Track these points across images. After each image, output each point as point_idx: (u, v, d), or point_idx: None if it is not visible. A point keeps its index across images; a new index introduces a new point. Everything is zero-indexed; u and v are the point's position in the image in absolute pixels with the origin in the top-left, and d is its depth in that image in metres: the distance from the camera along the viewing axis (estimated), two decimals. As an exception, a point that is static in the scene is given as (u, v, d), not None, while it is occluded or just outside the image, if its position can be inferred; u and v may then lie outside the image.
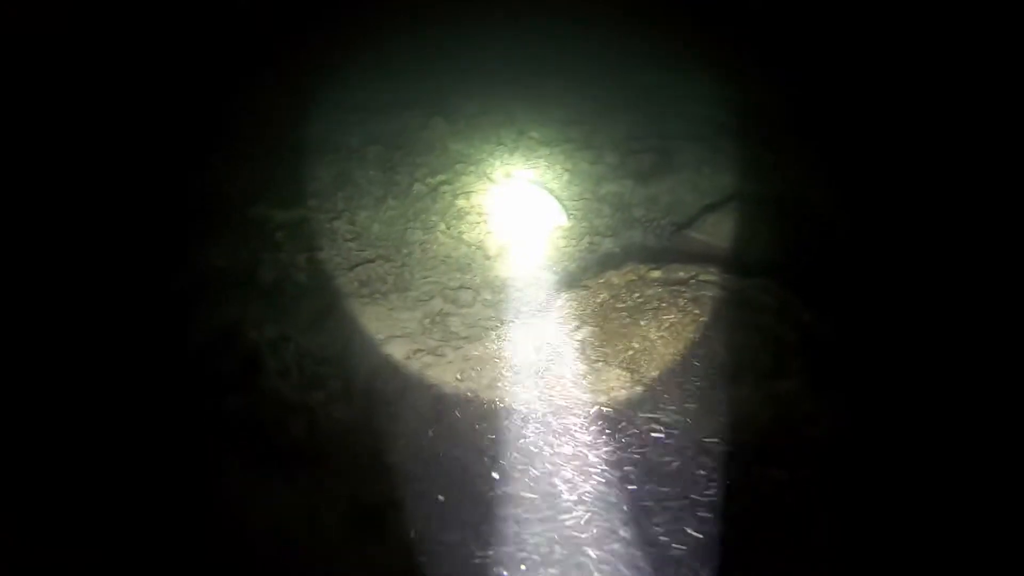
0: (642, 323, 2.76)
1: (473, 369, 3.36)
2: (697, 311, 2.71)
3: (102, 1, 6.04)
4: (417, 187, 4.91)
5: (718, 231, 3.81)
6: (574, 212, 4.63)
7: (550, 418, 2.80)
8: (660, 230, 4.29)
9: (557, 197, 4.71)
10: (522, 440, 2.95)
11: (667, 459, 2.44)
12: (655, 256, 3.18)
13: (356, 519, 2.73)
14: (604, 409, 2.64)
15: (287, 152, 5.33)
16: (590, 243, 4.28)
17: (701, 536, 2.19)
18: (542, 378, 2.96)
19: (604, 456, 2.57)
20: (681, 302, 2.76)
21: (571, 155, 5.37)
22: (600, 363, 2.77)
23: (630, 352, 2.71)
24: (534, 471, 2.78)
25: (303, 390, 3.17)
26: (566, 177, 5.09)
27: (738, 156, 5.08)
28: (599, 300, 3.04)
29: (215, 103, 5.89)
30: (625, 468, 2.57)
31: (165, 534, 2.65)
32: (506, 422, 3.06)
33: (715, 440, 2.38)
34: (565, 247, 4.27)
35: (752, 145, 5.25)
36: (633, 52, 7.09)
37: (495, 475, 2.78)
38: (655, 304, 2.80)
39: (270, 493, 2.70)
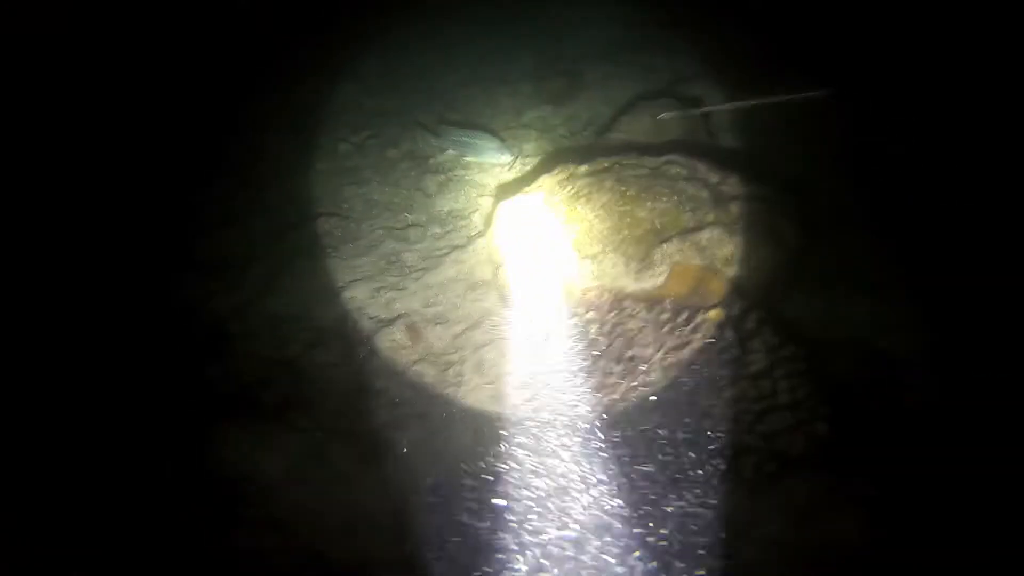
0: (578, 208, 3.03)
1: (437, 294, 3.56)
2: (623, 188, 2.99)
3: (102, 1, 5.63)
4: (341, 146, 4.95)
5: (633, 128, 4.12)
6: (503, 142, 4.82)
7: (521, 315, 3.05)
8: (584, 139, 4.56)
9: (484, 131, 4.87)
10: (496, 346, 3.20)
11: (622, 323, 2.75)
12: (582, 157, 3.43)
13: (362, 451, 2.90)
14: (564, 286, 2.92)
15: (185, 129, 5.12)
16: (522, 163, 4.50)
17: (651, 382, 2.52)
18: (504, 282, 3.19)
19: (568, 330, 2.86)
20: (608, 184, 3.03)
21: (489, 91, 5.52)
22: (552, 252, 3.03)
23: (573, 236, 2.98)
24: (506, 375, 3.03)
25: (277, 347, 3.27)
26: (488, 112, 5.24)
27: (637, 66, 5.40)
28: (539, 201, 3.27)
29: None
30: (593, 341, 2.87)
31: (182, 499, 2.75)
32: (480, 335, 3.30)
33: (661, 296, 2.70)
34: (498, 172, 4.47)
35: (647, 55, 5.56)
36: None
37: (470, 390, 3.02)
38: (586, 191, 3.07)
39: (277, 443, 2.83)
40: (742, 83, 4.74)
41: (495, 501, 2.60)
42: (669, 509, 2.29)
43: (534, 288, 3.10)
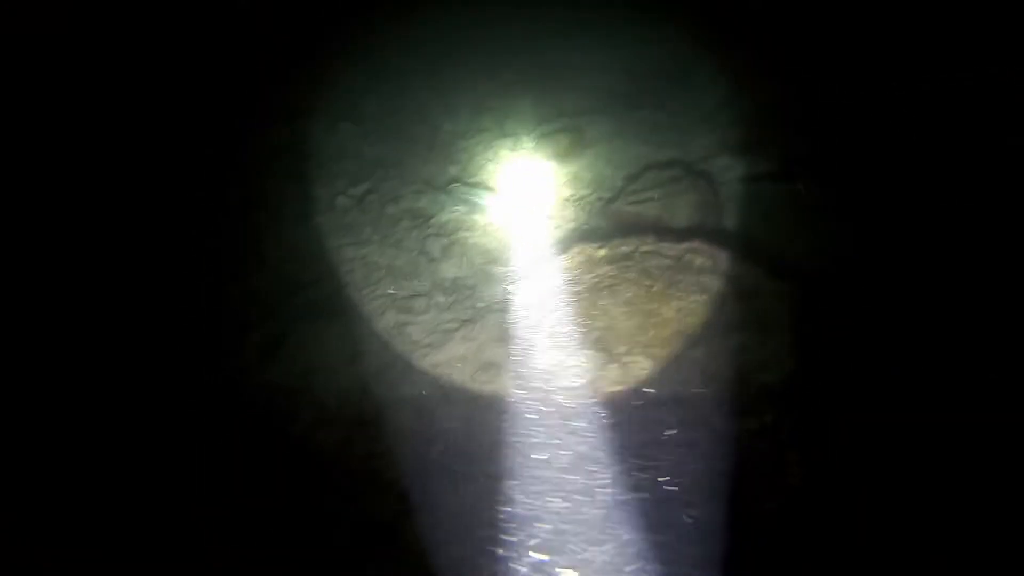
0: (600, 302, 2.95)
1: (445, 374, 3.42)
2: (648, 281, 2.94)
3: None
4: (340, 200, 4.78)
5: (643, 200, 4.09)
6: (506, 201, 4.74)
7: (534, 407, 2.94)
8: (590, 207, 4.51)
9: (485, 189, 4.78)
10: (512, 432, 3.08)
11: (647, 423, 2.67)
12: (596, 235, 3.37)
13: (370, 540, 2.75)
14: (582, 388, 2.82)
15: (170, 173, 4.92)
16: (529, 228, 4.41)
17: (690, 487, 2.44)
18: (517, 371, 3.09)
19: (590, 427, 2.76)
20: (631, 276, 2.97)
21: (489, 144, 5.44)
22: (570, 346, 2.94)
23: (596, 332, 2.90)
24: (531, 454, 2.92)
25: (281, 424, 3.09)
26: (489, 167, 5.16)
27: (640, 122, 5.41)
28: (556, 286, 3.19)
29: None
30: (610, 435, 2.78)
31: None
32: (492, 418, 3.17)
33: (690, 396, 2.64)
34: (504, 237, 4.38)
35: (650, 112, 5.59)
36: (527, 31, 7.19)
37: (493, 467, 2.90)
38: (608, 282, 3.00)
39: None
40: (746, 146, 4.81)
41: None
42: None
43: (550, 381, 3.00)
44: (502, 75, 6.48)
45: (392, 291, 4.00)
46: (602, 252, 3.19)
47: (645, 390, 2.72)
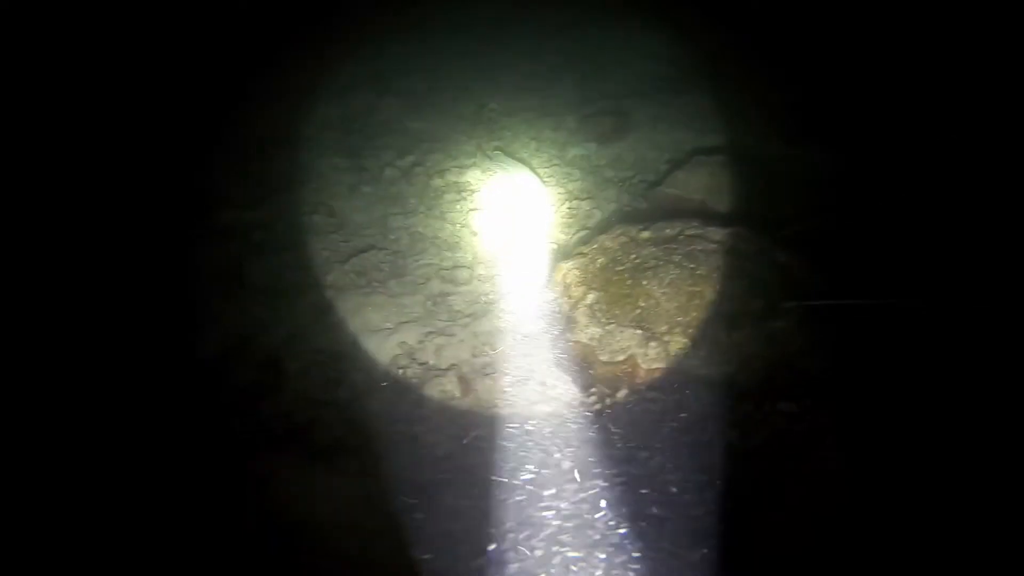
0: (644, 283, 3.02)
1: (487, 344, 3.55)
2: (691, 265, 2.99)
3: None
4: (388, 172, 4.91)
5: (688, 184, 4.11)
6: (548, 179, 4.81)
7: (573, 384, 3.05)
8: (633, 188, 4.54)
9: (528, 166, 4.85)
10: (550, 409, 3.20)
11: (685, 406, 2.76)
12: (639, 216, 3.43)
13: (407, 498, 2.91)
14: (624, 367, 2.91)
15: (238, 147, 5.14)
16: (570, 208, 4.48)
17: (724, 470, 2.53)
18: (558, 346, 3.19)
19: (627, 409, 2.86)
20: (676, 259, 3.03)
21: (532, 123, 5.49)
22: (612, 325, 3.03)
23: (638, 311, 2.98)
24: (567, 437, 3.02)
25: (328, 388, 3.26)
26: (533, 145, 5.22)
27: (688, 111, 5.39)
28: (598, 265, 3.26)
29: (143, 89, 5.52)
30: (647, 418, 2.87)
31: (234, 541, 2.74)
32: (530, 393, 3.29)
33: (727, 381, 2.71)
34: (547, 214, 4.46)
35: (695, 97, 5.55)
36: (573, 13, 7.17)
37: (527, 451, 3.02)
38: (653, 263, 3.07)
39: (324, 485, 2.83)
40: (791, 135, 4.77)
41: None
42: None
43: (591, 354, 3.09)
44: (545, 56, 6.50)
45: (436, 261, 4.13)
46: (645, 234, 3.24)
47: (684, 369, 2.80)
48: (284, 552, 2.62)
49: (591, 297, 3.14)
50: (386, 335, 3.58)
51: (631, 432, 2.77)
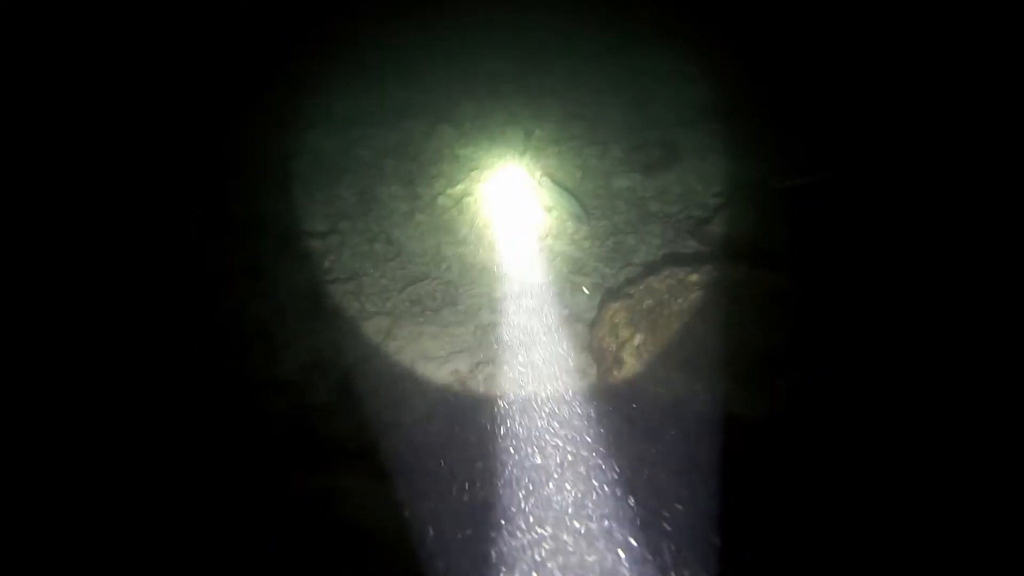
0: (692, 324, 3.14)
1: (535, 377, 3.72)
2: (737, 308, 3.09)
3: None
4: (441, 200, 5.14)
5: (736, 222, 4.17)
6: (593, 210, 4.94)
7: (618, 422, 3.19)
8: (679, 224, 4.63)
9: (574, 196, 4.99)
10: (597, 446, 3.34)
11: (725, 447, 2.86)
12: (685, 258, 3.53)
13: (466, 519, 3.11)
14: (672, 403, 3.04)
15: (302, 170, 5.48)
16: (615, 242, 4.61)
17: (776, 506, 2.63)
18: (606, 383, 3.34)
19: (674, 449, 2.98)
20: (723, 302, 3.14)
21: (579, 152, 5.63)
22: (659, 365, 3.16)
23: (683, 352, 3.10)
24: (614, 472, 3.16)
25: (392, 410, 3.50)
26: (579, 175, 5.36)
27: (735, 139, 5.40)
28: (645, 306, 3.39)
29: (215, 115, 5.93)
30: (687, 455, 2.99)
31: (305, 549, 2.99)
32: (579, 428, 3.45)
33: (775, 422, 2.79)
34: (592, 248, 4.59)
35: (744, 125, 5.56)
36: (614, 39, 7.27)
37: (577, 480, 3.17)
38: (699, 305, 3.18)
39: (387, 504, 3.07)
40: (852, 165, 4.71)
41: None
42: None
43: (636, 390, 3.22)
44: (591, 82, 6.63)
45: (485, 291, 4.33)
46: (693, 277, 3.36)
47: (727, 412, 2.90)
48: (353, 563, 2.86)
49: (638, 339, 3.27)
50: (440, 363, 3.80)
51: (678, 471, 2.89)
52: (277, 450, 3.36)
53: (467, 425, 3.47)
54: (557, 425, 3.44)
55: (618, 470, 3.13)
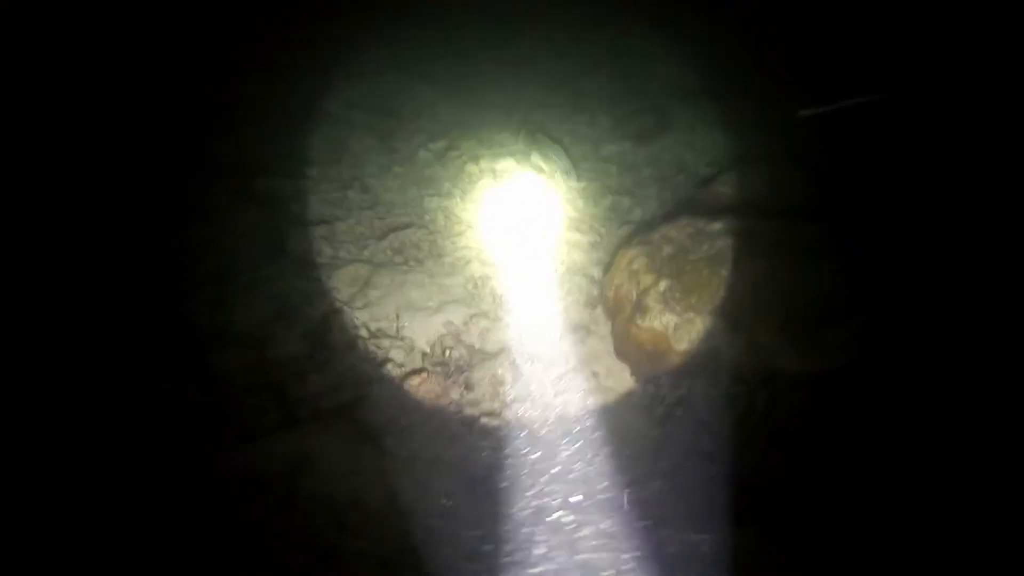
0: (723, 272, 2.86)
1: (532, 330, 3.32)
2: (779, 256, 2.84)
3: None
4: (422, 154, 4.67)
5: (744, 185, 3.96)
6: (584, 173, 4.64)
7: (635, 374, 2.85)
8: (676, 187, 4.41)
9: (565, 158, 4.68)
10: (607, 400, 2.98)
11: (766, 397, 2.59)
12: (704, 211, 3.27)
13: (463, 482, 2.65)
14: (701, 357, 2.73)
15: (271, 120, 4.83)
16: (612, 201, 4.32)
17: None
18: (630, 331, 2.98)
19: (705, 400, 2.67)
20: (760, 248, 2.88)
21: (565, 118, 5.34)
22: (691, 313, 2.84)
23: (718, 301, 2.81)
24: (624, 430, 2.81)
25: (375, 364, 2.97)
26: (566, 140, 5.06)
27: (725, 115, 5.29)
28: (666, 253, 3.09)
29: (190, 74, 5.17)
30: (718, 407, 2.69)
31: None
32: (582, 381, 3.07)
33: (817, 373, 2.55)
34: (588, 206, 4.28)
35: (731, 103, 5.48)
36: (598, 14, 7.11)
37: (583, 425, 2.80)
38: (730, 254, 2.91)
39: (372, 465, 2.54)
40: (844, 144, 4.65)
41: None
42: None
43: (663, 342, 2.88)
44: (574, 55, 6.41)
45: (475, 244, 3.90)
46: (716, 225, 3.09)
47: (768, 364, 2.64)
48: (331, 533, 2.32)
49: (663, 284, 2.94)
50: (430, 313, 3.32)
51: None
52: (231, 411, 2.75)
53: (462, 382, 3.01)
54: (564, 381, 3.05)
55: (628, 431, 2.77)
